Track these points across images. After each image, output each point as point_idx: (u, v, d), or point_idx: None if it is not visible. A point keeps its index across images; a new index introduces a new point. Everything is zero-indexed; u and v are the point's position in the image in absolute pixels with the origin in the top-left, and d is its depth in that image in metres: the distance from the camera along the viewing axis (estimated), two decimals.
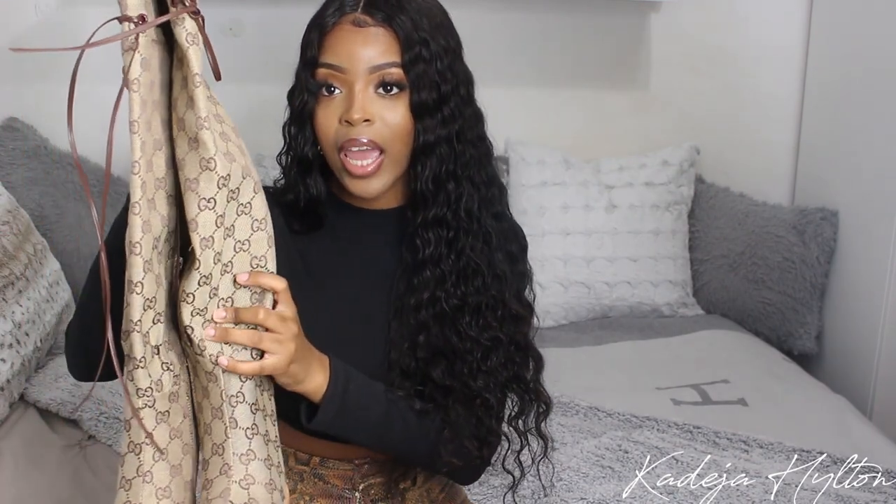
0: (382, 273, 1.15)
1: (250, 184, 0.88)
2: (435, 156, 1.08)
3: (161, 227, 0.86)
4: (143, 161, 0.82)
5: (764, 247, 2.40)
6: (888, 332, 2.21)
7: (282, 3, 2.28)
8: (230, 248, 0.88)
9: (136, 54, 0.80)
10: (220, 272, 0.88)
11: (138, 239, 0.82)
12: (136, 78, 0.80)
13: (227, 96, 2.70)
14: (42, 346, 1.91)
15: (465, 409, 1.12)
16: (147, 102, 0.82)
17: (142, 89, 0.81)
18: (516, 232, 1.20)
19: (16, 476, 1.55)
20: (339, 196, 1.16)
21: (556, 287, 2.38)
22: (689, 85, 2.61)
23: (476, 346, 1.12)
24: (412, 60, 1.05)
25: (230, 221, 0.87)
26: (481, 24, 2.46)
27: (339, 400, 1.02)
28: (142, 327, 0.85)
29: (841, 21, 2.42)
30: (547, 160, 2.44)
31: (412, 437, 1.11)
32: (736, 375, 2.05)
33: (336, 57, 1.05)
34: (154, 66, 0.83)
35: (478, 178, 1.12)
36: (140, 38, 0.80)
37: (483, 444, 1.14)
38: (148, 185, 0.83)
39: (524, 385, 1.17)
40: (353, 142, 1.05)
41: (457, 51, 1.11)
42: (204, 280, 0.87)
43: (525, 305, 1.17)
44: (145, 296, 0.84)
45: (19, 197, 2.15)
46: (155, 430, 0.87)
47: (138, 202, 0.82)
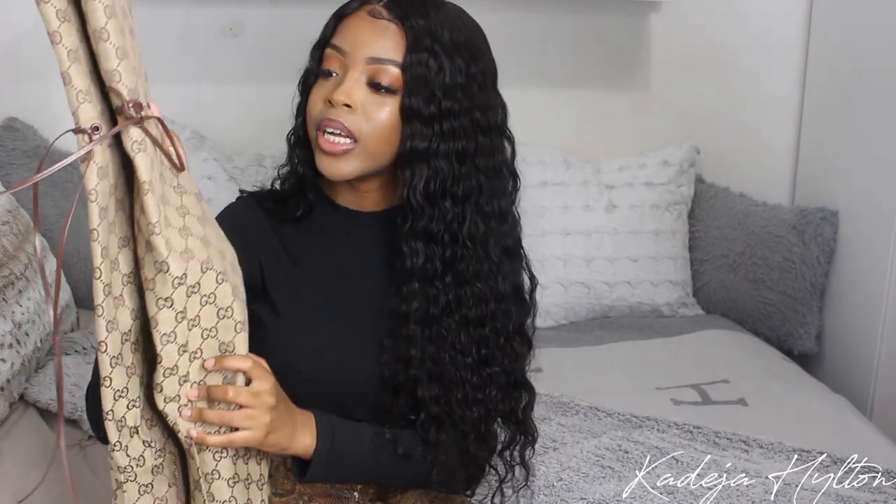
0: (367, 273, 1.15)
1: (212, 275, 0.90)
2: (427, 166, 1.07)
3: (131, 320, 0.89)
4: (105, 265, 0.85)
5: (764, 247, 2.40)
6: (888, 332, 2.21)
7: (282, 3, 2.28)
8: (197, 337, 0.91)
9: (91, 164, 0.81)
10: (189, 360, 0.91)
11: (103, 338, 0.87)
12: (94, 188, 0.82)
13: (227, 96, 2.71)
14: (42, 346, 1.90)
15: (456, 443, 1.13)
16: (108, 207, 0.84)
17: (100, 198, 0.82)
18: (527, 269, 1.19)
19: (16, 476, 1.55)
20: (330, 195, 1.17)
21: (556, 287, 2.38)
22: (689, 85, 2.61)
23: (473, 375, 1.11)
24: (413, 63, 1.04)
25: (193, 313, 0.90)
26: (481, 24, 2.45)
27: (327, 454, 1.05)
28: (114, 415, 0.90)
29: (841, 21, 2.42)
30: (547, 160, 2.44)
31: (403, 471, 1.13)
32: (736, 375, 2.05)
33: (342, 40, 1.06)
34: (112, 170, 0.84)
35: (487, 208, 1.11)
36: (95, 148, 0.81)
37: (471, 478, 1.19)
38: (113, 284, 0.86)
39: (515, 418, 1.17)
40: (329, 121, 1.05)
41: (480, 77, 1.10)
42: (169, 372, 0.90)
43: (525, 340, 1.17)
44: (115, 388, 0.89)
45: (19, 197, 2.15)
46: (138, 502, 0.93)
47: (101, 304, 0.85)
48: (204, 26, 2.33)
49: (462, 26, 1.09)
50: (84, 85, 0.79)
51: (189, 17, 2.34)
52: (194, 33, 2.35)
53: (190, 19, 2.35)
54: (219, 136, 2.41)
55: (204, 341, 0.92)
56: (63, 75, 0.78)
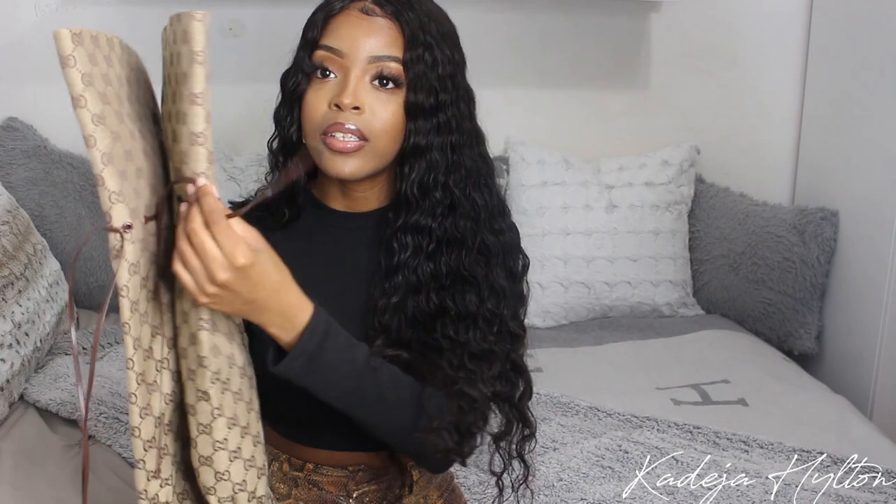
0: (359, 275, 1.13)
1: (237, 372, 0.93)
2: (425, 160, 1.06)
3: (163, 404, 0.91)
4: (138, 356, 0.86)
5: (764, 247, 2.40)
6: (888, 332, 2.21)
7: (282, 3, 2.28)
8: (243, 413, 0.94)
9: (123, 261, 0.82)
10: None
11: (136, 424, 0.88)
12: (125, 284, 0.83)
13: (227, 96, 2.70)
14: (42, 346, 1.91)
15: (445, 393, 1.06)
16: (139, 301, 0.85)
17: (130, 293, 0.83)
18: (518, 249, 1.18)
19: (16, 476, 1.55)
20: (320, 198, 1.15)
21: (556, 287, 2.38)
22: (689, 85, 2.61)
23: (459, 348, 1.08)
24: (414, 59, 1.03)
25: (230, 404, 0.92)
26: (481, 24, 2.46)
27: (309, 357, 0.96)
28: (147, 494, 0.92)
29: (841, 21, 2.42)
30: (547, 160, 2.44)
31: (386, 412, 1.04)
32: (736, 375, 2.05)
33: (338, 40, 1.04)
34: (144, 264, 0.86)
35: (476, 194, 1.10)
36: (126, 246, 0.82)
37: (464, 438, 1.07)
38: (147, 373, 0.88)
39: (512, 405, 1.14)
40: (337, 126, 1.02)
41: (461, 65, 1.09)
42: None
43: (520, 325, 1.14)
44: (147, 470, 0.90)
45: (19, 197, 2.15)
46: None
47: (134, 392, 0.86)
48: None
49: (441, 16, 1.09)
50: (117, 186, 0.82)
51: None
52: None
53: None
54: (219, 136, 2.40)
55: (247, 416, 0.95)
56: (96, 177, 0.81)
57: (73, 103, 0.79)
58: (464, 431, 1.07)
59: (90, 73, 0.80)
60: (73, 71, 0.78)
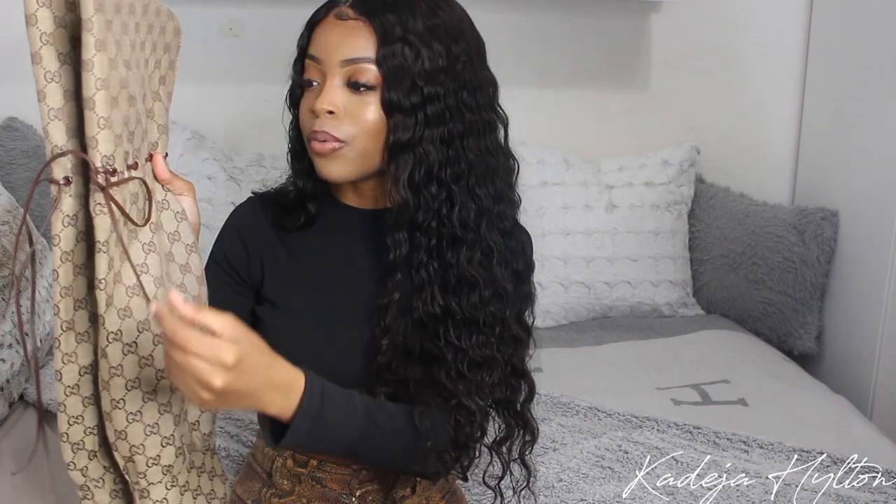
0: (363, 272, 1.14)
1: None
2: (411, 156, 1.05)
3: (92, 354, 0.93)
4: (64, 305, 0.89)
5: (764, 247, 2.40)
6: (888, 332, 2.21)
7: (282, 3, 2.28)
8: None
9: (57, 212, 0.87)
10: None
11: (59, 368, 0.91)
12: (57, 234, 0.87)
13: (227, 96, 2.71)
14: (42, 346, 1.90)
15: (442, 410, 1.08)
16: (74, 251, 0.89)
17: (62, 242, 0.87)
18: (525, 251, 1.18)
19: (16, 476, 1.55)
20: (336, 195, 1.17)
21: (556, 287, 2.38)
22: (689, 85, 2.61)
23: (460, 356, 1.08)
24: (386, 56, 1.03)
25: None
26: (481, 24, 2.44)
27: (312, 419, 0.96)
28: (69, 437, 0.97)
29: (841, 21, 2.42)
30: (547, 160, 2.44)
31: (388, 447, 1.06)
32: (736, 375, 2.05)
33: (316, 48, 1.07)
34: (82, 217, 0.89)
35: (480, 190, 1.09)
36: (63, 198, 0.86)
37: (462, 452, 1.10)
38: (77, 322, 0.90)
39: (513, 410, 1.14)
40: (315, 133, 1.06)
41: (463, 56, 1.09)
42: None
43: (525, 328, 1.14)
44: (69, 414, 0.94)
45: (19, 197, 2.15)
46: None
47: (58, 338, 0.89)
48: (204, 26, 2.33)
49: (437, 11, 1.07)
50: (62, 140, 0.86)
51: (189, 16, 2.34)
52: (194, 33, 2.35)
53: (190, 19, 2.34)
54: (219, 136, 2.41)
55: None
56: (44, 129, 0.86)
57: (31, 59, 0.87)
58: (461, 445, 1.09)
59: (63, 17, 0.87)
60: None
